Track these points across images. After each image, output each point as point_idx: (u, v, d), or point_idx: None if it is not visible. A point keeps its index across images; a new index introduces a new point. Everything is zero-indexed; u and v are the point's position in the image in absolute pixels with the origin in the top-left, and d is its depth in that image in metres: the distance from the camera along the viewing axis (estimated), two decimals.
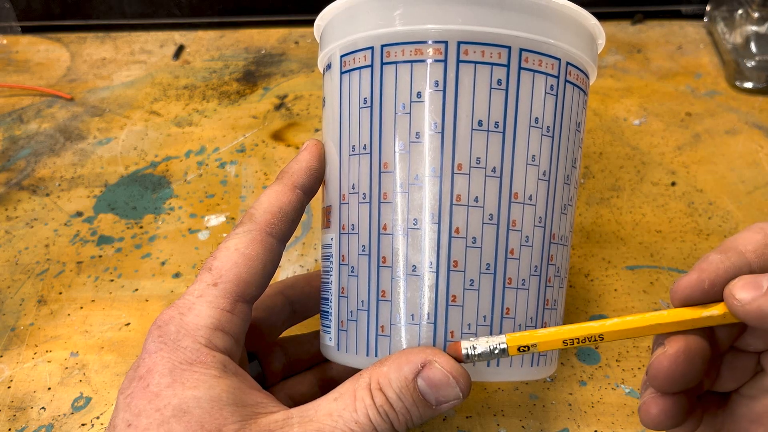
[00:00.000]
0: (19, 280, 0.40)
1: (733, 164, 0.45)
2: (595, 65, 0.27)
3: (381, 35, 0.24)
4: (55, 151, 0.50)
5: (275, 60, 0.58)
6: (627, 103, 0.50)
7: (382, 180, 0.24)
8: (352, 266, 0.25)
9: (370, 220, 0.25)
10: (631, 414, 0.31)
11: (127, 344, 0.36)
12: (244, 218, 0.26)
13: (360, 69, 0.25)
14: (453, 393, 0.22)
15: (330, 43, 0.26)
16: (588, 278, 0.38)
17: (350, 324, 0.25)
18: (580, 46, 0.25)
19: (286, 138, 0.49)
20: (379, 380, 0.22)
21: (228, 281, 0.24)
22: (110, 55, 0.61)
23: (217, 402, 0.22)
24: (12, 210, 0.45)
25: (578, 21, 0.25)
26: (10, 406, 0.33)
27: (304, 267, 0.40)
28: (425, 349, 0.23)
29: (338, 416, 0.22)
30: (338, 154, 0.26)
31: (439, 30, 0.23)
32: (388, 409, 0.22)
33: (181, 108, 0.53)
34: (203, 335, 0.23)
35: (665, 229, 0.40)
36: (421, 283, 0.24)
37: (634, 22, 0.59)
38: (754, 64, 0.49)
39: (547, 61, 0.24)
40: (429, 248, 0.24)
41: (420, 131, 0.24)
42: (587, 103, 0.28)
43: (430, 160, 0.24)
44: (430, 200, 0.24)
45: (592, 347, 0.32)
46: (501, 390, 0.32)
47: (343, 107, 0.26)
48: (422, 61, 0.24)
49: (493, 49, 0.23)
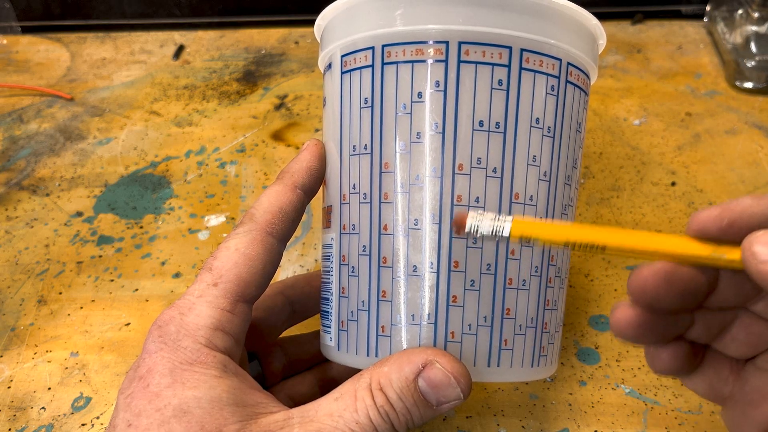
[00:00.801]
0: (19, 280, 0.40)
1: (733, 164, 0.45)
2: (596, 65, 0.27)
3: (382, 35, 0.24)
4: (55, 151, 0.50)
5: (275, 60, 0.58)
6: (627, 103, 0.50)
7: (382, 180, 0.24)
8: (353, 266, 0.25)
9: (371, 220, 0.25)
10: (631, 414, 0.31)
11: (127, 344, 0.36)
12: (245, 218, 0.26)
13: (361, 69, 0.25)
14: (454, 393, 0.22)
15: (331, 43, 0.26)
16: (588, 278, 0.38)
17: (351, 324, 0.25)
18: (581, 47, 0.25)
19: (286, 138, 0.49)
20: (380, 380, 0.22)
21: (228, 281, 0.24)
22: (110, 55, 0.61)
23: (218, 402, 0.22)
24: (12, 210, 0.45)
25: (579, 21, 0.25)
26: (10, 406, 0.33)
27: (304, 267, 0.40)
28: (426, 350, 0.22)
29: (339, 416, 0.22)
30: (339, 154, 0.26)
31: (440, 30, 0.23)
32: (389, 410, 0.22)
33: (181, 108, 0.53)
34: (203, 335, 0.23)
35: (665, 229, 0.40)
36: (422, 284, 0.24)
37: (634, 22, 0.59)
38: (754, 64, 0.49)
39: (548, 61, 0.24)
40: (430, 248, 0.24)
41: (421, 131, 0.24)
42: (588, 104, 0.28)
43: (431, 160, 0.23)
44: (430, 200, 0.23)
45: (597, 255, 0.28)
46: (501, 390, 0.32)
47: (344, 107, 0.26)
48: (423, 62, 0.24)
49: (494, 49, 0.23)
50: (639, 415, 0.31)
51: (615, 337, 0.22)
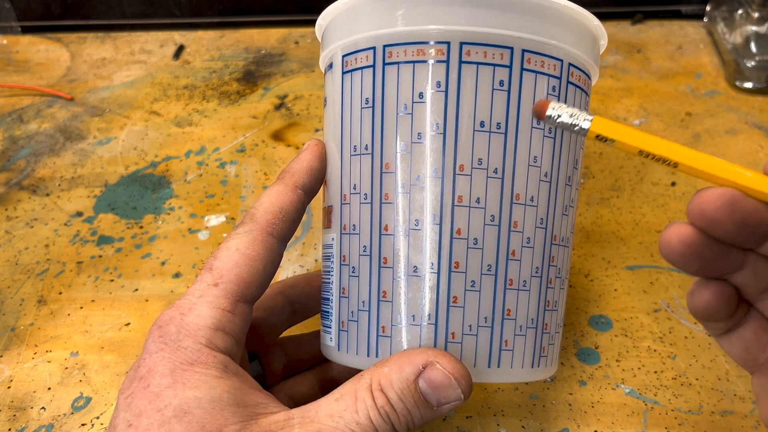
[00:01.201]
0: (19, 280, 0.40)
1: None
2: (597, 66, 0.27)
3: (383, 35, 0.24)
4: (55, 151, 0.50)
5: (275, 60, 0.58)
6: (627, 103, 0.50)
7: (383, 180, 0.24)
8: (353, 267, 0.25)
9: (372, 220, 0.25)
10: (631, 414, 0.31)
11: (127, 344, 0.36)
12: (245, 218, 0.26)
13: (362, 69, 0.25)
14: (454, 394, 0.22)
15: (332, 43, 0.26)
16: (588, 278, 0.38)
17: (351, 324, 0.25)
18: (582, 47, 0.25)
19: (286, 138, 0.49)
20: (381, 381, 0.22)
21: (229, 281, 0.24)
22: (110, 55, 0.61)
23: (218, 402, 0.22)
24: (12, 210, 0.45)
25: (580, 22, 0.25)
26: (10, 406, 0.33)
27: (304, 267, 0.40)
28: (427, 350, 0.22)
29: (339, 417, 0.22)
30: (339, 154, 0.26)
31: (441, 31, 0.23)
32: (389, 410, 0.22)
33: (181, 108, 0.53)
34: (204, 335, 0.23)
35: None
36: (422, 284, 0.24)
37: (634, 22, 0.59)
38: (754, 64, 0.49)
39: (549, 62, 0.24)
40: (430, 249, 0.24)
41: (422, 132, 0.24)
42: (589, 104, 0.28)
43: (431, 160, 0.23)
44: (431, 201, 0.23)
45: (669, 167, 0.27)
46: (501, 390, 0.32)
47: (345, 107, 0.26)
48: (424, 62, 0.24)
49: (496, 50, 0.23)
50: (639, 415, 0.31)
51: (662, 256, 0.21)
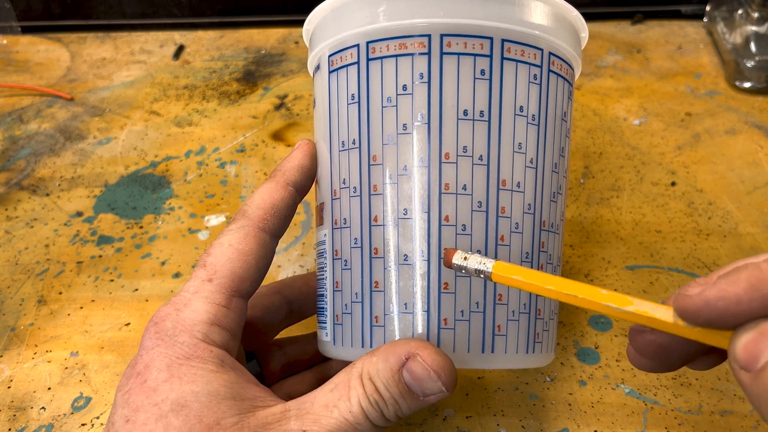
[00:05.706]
0: (19, 280, 0.40)
1: (732, 164, 0.45)
2: (579, 57, 0.28)
3: (366, 32, 0.25)
4: (55, 151, 0.50)
5: (275, 60, 0.58)
6: (627, 103, 0.50)
7: (371, 172, 0.25)
8: (345, 260, 0.25)
9: (362, 212, 0.25)
10: (631, 414, 0.31)
11: (127, 344, 0.36)
12: (237, 215, 0.26)
13: (347, 66, 0.25)
14: (435, 387, 0.22)
15: (318, 44, 0.27)
16: (588, 278, 0.38)
17: (345, 317, 0.25)
18: (563, 37, 0.26)
19: (286, 138, 0.49)
20: (369, 370, 0.22)
21: (223, 276, 0.24)
22: (110, 55, 0.61)
23: (215, 396, 0.22)
24: (12, 210, 0.45)
25: (559, 13, 0.26)
26: (10, 406, 0.33)
27: (304, 267, 0.40)
28: (410, 341, 0.23)
29: (334, 407, 0.22)
30: (329, 151, 0.26)
31: (422, 24, 0.24)
32: (378, 399, 0.22)
33: (181, 108, 0.53)
34: (200, 330, 0.23)
35: (665, 229, 0.40)
36: (413, 272, 0.24)
37: (634, 22, 0.59)
38: (753, 64, 0.49)
39: (529, 51, 0.25)
40: (420, 237, 0.24)
41: (407, 123, 0.24)
42: (573, 94, 0.28)
43: (417, 150, 0.24)
44: (419, 190, 0.24)
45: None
46: (501, 390, 0.32)
47: (332, 105, 0.26)
48: (407, 55, 0.24)
49: (476, 40, 0.24)
50: (639, 415, 0.31)
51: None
